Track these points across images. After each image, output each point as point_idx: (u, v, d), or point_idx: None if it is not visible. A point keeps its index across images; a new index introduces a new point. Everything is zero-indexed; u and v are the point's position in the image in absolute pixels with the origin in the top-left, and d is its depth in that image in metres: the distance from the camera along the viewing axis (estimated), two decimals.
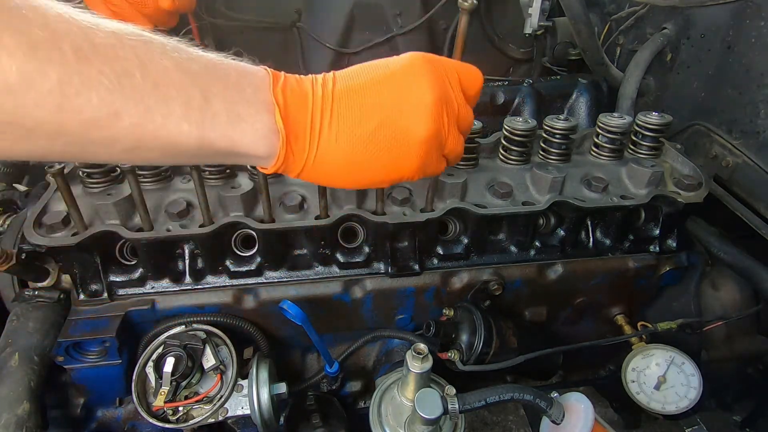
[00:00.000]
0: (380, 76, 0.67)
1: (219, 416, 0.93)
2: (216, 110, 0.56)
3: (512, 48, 2.12)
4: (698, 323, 1.14)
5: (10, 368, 0.90)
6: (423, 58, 0.71)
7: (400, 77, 0.67)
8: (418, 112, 0.66)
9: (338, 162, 0.65)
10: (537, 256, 1.08)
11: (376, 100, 0.65)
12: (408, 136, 0.67)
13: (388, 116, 0.65)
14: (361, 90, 0.65)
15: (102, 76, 0.48)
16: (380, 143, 0.66)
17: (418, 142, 0.67)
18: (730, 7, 1.15)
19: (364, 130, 0.65)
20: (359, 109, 0.64)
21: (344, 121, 0.64)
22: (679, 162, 1.12)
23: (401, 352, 1.13)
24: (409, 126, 0.66)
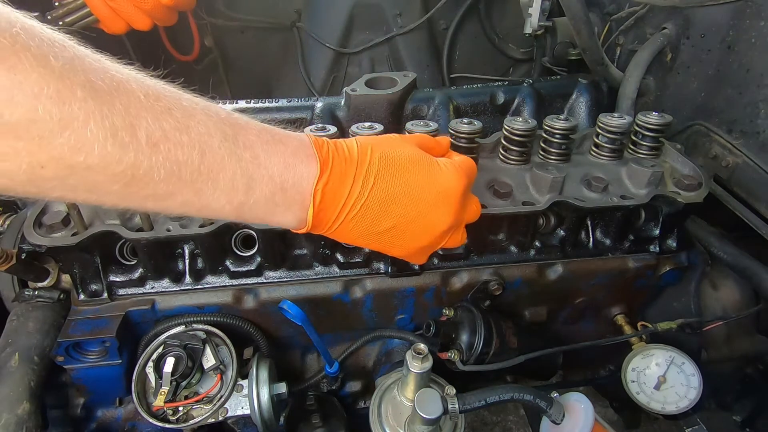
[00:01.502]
0: (420, 189, 0.72)
1: (219, 416, 0.94)
2: (257, 198, 0.62)
3: (512, 48, 2.12)
4: (698, 323, 1.14)
5: (10, 368, 0.90)
6: (464, 183, 0.76)
7: (436, 195, 0.73)
8: (432, 230, 0.75)
9: (354, 238, 0.74)
10: (537, 256, 1.08)
11: (401, 210, 0.71)
12: (414, 243, 0.76)
13: (403, 224, 0.73)
14: (394, 198, 0.71)
15: (167, 162, 0.53)
16: (387, 240, 0.75)
17: (420, 248, 0.78)
18: (730, 7, 1.15)
19: (378, 229, 0.72)
20: (383, 212, 0.71)
21: (364, 219, 0.70)
22: (679, 162, 1.12)
23: (401, 352, 1.13)
24: (418, 236, 0.75)
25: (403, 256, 0.80)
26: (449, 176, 0.74)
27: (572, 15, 1.27)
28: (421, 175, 0.72)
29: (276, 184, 0.63)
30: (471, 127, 1.03)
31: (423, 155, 0.74)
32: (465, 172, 0.77)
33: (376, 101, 1.29)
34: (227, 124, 0.60)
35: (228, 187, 0.59)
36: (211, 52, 2.15)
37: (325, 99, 1.34)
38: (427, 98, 1.38)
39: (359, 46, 2.02)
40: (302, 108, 1.32)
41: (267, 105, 1.34)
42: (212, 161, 0.57)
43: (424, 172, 0.73)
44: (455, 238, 0.80)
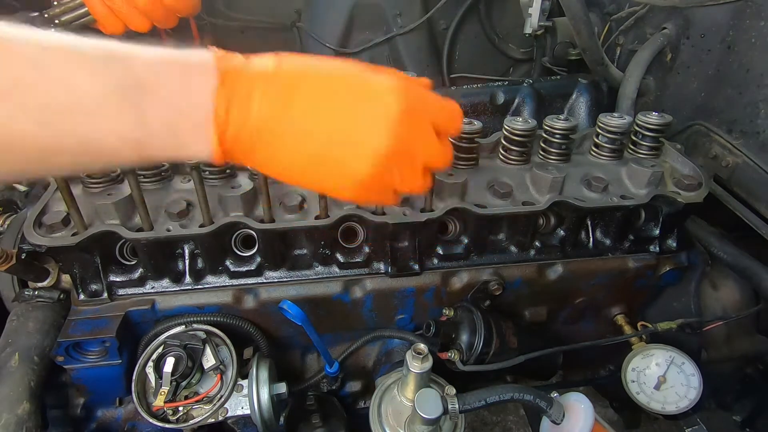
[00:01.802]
0: (347, 101, 0.61)
1: (219, 416, 0.94)
2: (155, 130, 0.55)
3: (512, 48, 2.12)
4: (698, 323, 1.14)
5: (10, 368, 0.90)
6: (400, 77, 0.66)
7: (367, 107, 0.62)
8: (367, 153, 0.62)
9: (281, 171, 0.64)
10: (537, 256, 1.08)
11: (325, 128, 0.61)
12: (351, 173, 0.63)
13: (331, 146, 0.61)
14: (315, 113, 0.60)
15: (32, 111, 0.49)
16: (321, 171, 0.63)
17: (362, 181, 0.63)
18: (730, 7, 1.15)
19: (304, 155, 0.61)
20: (304, 132, 0.60)
21: (284, 142, 0.60)
22: (679, 162, 1.12)
23: (401, 352, 1.13)
24: (353, 163, 0.62)
25: (349, 196, 0.66)
26: (386, 85, 0.62)
27: (572, 15, 1.27)
28: (350, 84, 0.62)
29: (174, 109, 0.55)
30: (471, 127, 1.03)
31: (355, 66, 0.64)
32: (413, 90, 0.64)
33: None
34: (107, 56, 0.53)
35: (115, 124, 0.52)
36: None
37: None
38: None
39: (359, 46, 2.02)
40: None
41: None
42: (87, 99, 0.51)
43: (354, 80, 0.62)
44: (409, 176, 0.66)
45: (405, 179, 0.66)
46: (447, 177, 1.01)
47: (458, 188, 1.01)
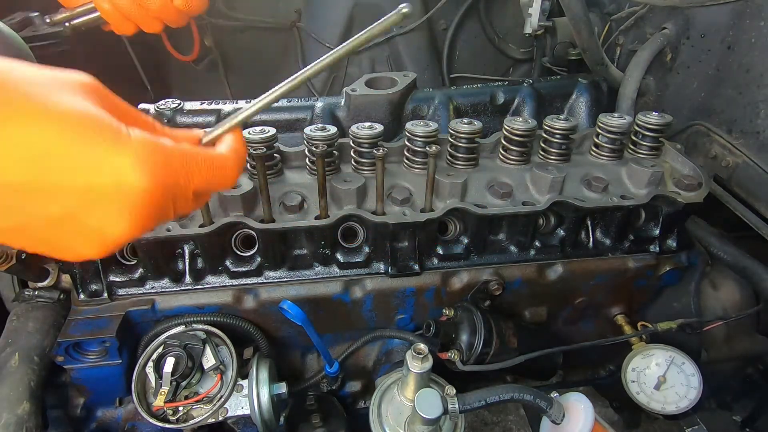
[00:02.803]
0: (64, 173, 0.45)
1: (219, 416, 0.94)
2: None
3: (512, 48, 2.12)
4: (698, 323, 1.14)
5: (10, 368, 0.91)
6: (162, 179, 0.50)
7: (99, 188, 0.47)
8: (94, 240, 0.50)
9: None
10: (537, 256, 1.08)
11: (28, 208, 0.46)
12: (69, 251, 0.51)
13: (37, 227, 0.47)
14: (12, 186, 0.44)
15: None
16: (25, 242, 0.49)
17: (85, 256, 0.52)
18: (730, 7, 1.15)
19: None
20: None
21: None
22: (679, 162, 1.12)
23: (401, 352, 1.13)
24: (73, 244, 0.50)
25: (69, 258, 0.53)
26: (128, 160, 0.47)
27: (572, 15, 1.27)
28: (74, 148, 0.45)
29: None
30: (471, 127, 1.03)
31: (84, 117, 0.46)
32: (164, 160, 0.50)
33: (376, 101, 1.29)
34: None
35: None
36: (211, 52, 2.15)
37: (325, 99, 1.34)
38: (427, 98, 1.38)
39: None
40: (302, 108, 1.32)
41: None
42: None
43: (76, 147, 0.45)
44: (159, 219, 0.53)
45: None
46: (447, 177, 1.01)
47: (458, 188, 1.01)
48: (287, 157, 1.07)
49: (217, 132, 0.66)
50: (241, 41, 2.11)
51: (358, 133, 1.01)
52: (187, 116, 1.30)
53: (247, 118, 0.70)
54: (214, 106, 1.33)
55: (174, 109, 1.29)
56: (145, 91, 2.10)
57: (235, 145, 0.63)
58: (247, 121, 0.72)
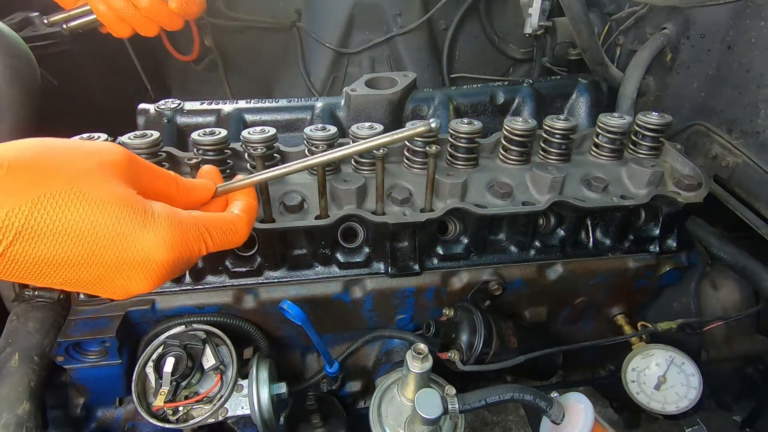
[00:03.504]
0: (96, 252, 0.55)
1: (219, 416, 0.94)
2: None
3: (512, 48, 2.12)
4: (698, 323, 1.14)
5: (10, 368, 0.91)
6: (177, 254, 0.60)
7: (125, 262, 0.57)
8: (121, 293, 0.60)
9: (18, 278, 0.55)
10: (537, 256, 1.08)
11: (64, 276, 0.55)
12: (105, 293, 0.60)
13: (74, 285, 0.57)
14: (52, 263, 0.53)
15: None
16: (72, 286, 0.58)
17: (132, 292, 0.61)
18: (730, 7, 1.15)
19: (44, 282, 0.55)
20: (38, 273, 0.54)
21: (13, 275, 0.53)
22: (679, 162, 1.11)
23: (401, 352, 1.13)
24: (106, 292, 0.59)
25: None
26: (154, 239, 0.57)
27: (572, 15, 1.27)
28: (111, 230, 0.54)
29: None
30: (471, 127, 1.03)
31: (118, 204, 0.55)
32: (189, 237, 0.60)
33: (376, 101, 1.29)
34: None
35: None
36: (211, 52, 2.15)
37: (325, 99, 1.34)
38: (427, 98, 1.38)
39: (359, 46, 2.02)
40: (302, 108, 1.32)
41: (267, 105, 1.34)
42: None
43: (111, 230, 0.54)
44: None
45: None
46: (447, 177, 1.01)
47: (458, 188, 1.01)
48: (287, 157, 1.07)
49: (232, 186, 0.73)
50: (241, 41, 2.11)
51: (358, 133, 1.01)
52: (187, 116, 1.30)
53: (264, 180, 0.76)
54: (214, 106, 1.33)
55: (174, 109, 1.29)
56: (145, 91, 2.10)
57: (247, 205, 0.72)
58: (264, 183, 0.76)
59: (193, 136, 0.96)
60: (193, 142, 0.95)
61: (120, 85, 1.94)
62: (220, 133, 0.97)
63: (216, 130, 0.98)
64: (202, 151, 0.97)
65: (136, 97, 1.49)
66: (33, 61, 1.16)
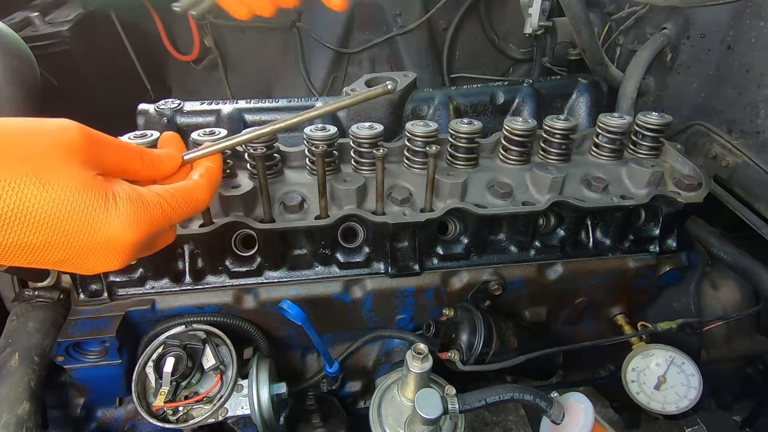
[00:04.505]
0: (60, 236, 0.54)
1: (219, 416, 0.93)
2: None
3: (512, 48, 2.12)
4: (698, 323, 1.14)
5: (10, 368, 0.91)
6: (143, 232, 0.60)
7: (90, 244, 0.56)
8: (92, 269, 0.60)
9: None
10: (537, 256, 1.08)
11: (32, 257, 0.55)
12: (75, 269, 0.60)
13: (44, 262, 0.56)
14: (15, 247, 0.53)
15: None
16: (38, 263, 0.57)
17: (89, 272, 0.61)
18: (730, 7, 1.15)
19: (11, 261, 0.55)
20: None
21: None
22: (679, 162, 1.12)
23: (401, 352, 1.13)
24: (94, 266, 0.59)
25: None
26: (118, 223, 0.56)
27: (572, 15, 1.27)
28: (66, 220, 0.53)
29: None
30: (471, 127, 1.03)
31: (78, 189, 0.54)
32: (153, 215, 0.60)
33: (376, 101, 1.29)
34: None
35: None
36: (211, 52, 2.15)
37: (325, 99, 1.34)
38: (427, 98, 1.38)
39: (359, 46, 2.02)
40: (302, 108, 1.32)
41: (267, 105, 1.34)
42: None
43: (72, 216, 0.53)
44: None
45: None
46: (447, 177, 1.01)
47: (458, 188, 1.01)
48: (287, 157, 1.07)
49: (197, 154, 0.73)
50: (241, 41, 2.12)
51: (358, 133, 1.01)
52: (187, 116, 1.30)
53: (228, 147, 0.75)
54: (214, 106, 1.33)
55: (174, 109, 1.29)
56: (145, 91, 2.10)
57: (208, 171, 0.71)
58: (229, 149, 0.76)
59: (193, 136, 0.95)
60: (193, 142, 0.94)
61: (120, 85, 1.94)
62: (220, 133, 0.97)
63: (216, 130, 0.98)
64: None
65: (136, 97, 1.49)
66: (33, 61, 1.16)
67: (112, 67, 1.90)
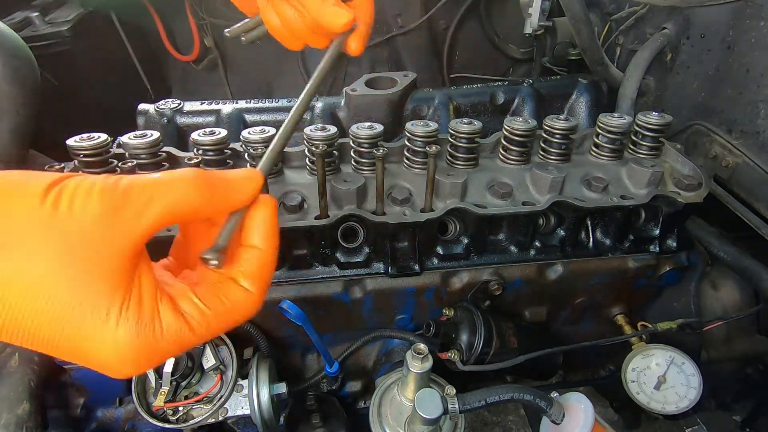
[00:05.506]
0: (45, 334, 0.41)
1: (219, 416, 0.94)
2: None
3: (512, 48, 2.12)
4: (698, 323, 1.14)
5: (10, 368, 0.91)
6: (144, 345, 0.44)
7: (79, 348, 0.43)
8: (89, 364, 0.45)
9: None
10: (537, 256, 1.08)
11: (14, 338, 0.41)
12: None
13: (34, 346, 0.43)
14: None
15: None
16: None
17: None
18: (730, 7, 1.15)
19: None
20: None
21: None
22: (679, 162, 1.12)
23: (401, 352, 1.13)
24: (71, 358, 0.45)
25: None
26: (115, 357, 0.43)
27: (572, 15, 1.27)
28: (63, 321, 0.40)
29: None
30: (471, 127, 1.03)
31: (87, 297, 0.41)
32: (164, 348, 0.45)
33: (376, 101, 1.29)
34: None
35: None
36: (211, 52, 2.15)
37: (325, 99, 1.34)
38: (427, 98, 1.38)
39: None
40: None
41: (267, 105, 1.34)
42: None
43: (71, 322, 0.40)
44: None
45: None
46: (447, 177, 1.01)
47: (458, 188, 1.01)
48: (287, 157, 1.07)
49: (266, 160, 0.63)
50: (241, 41, 2.12)
51: (358, 133, 1.01)
52: (187, 116, 1.30)
53: (280, 146, 0.66)
54: (214, 106, 1.33)
55: (174, 109, 1.29)
56: (145, 91, 2.10)
57: (266, 266, 0.53)
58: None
59: (193, 136, 0.96)
60: (193, 142, 0.95)
61: (120, 85, 1.95)
62: (220, 133, 0.97)
63: (216, 130, 0.98)
64: (202, 151, 0.97)
65: (136, 97, 1.49)
66: (33, 61, 1.16)
67: (112, 67, 1.90)
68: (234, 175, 0.52)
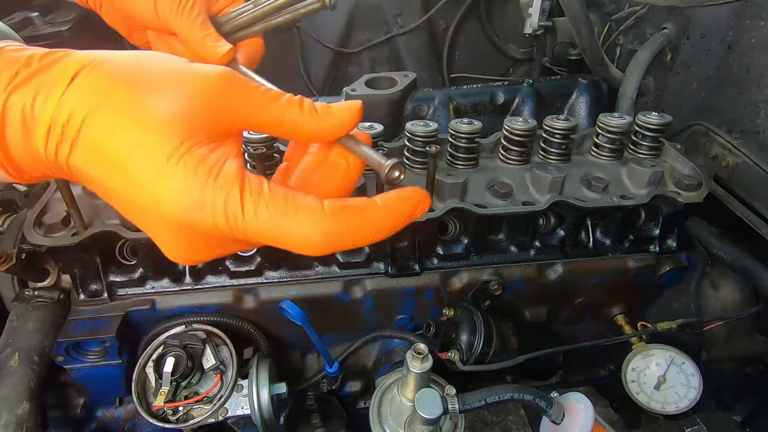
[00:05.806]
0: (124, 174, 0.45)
1: (219, 416, 0.94)
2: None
3: (512, 48, 2.12)
4: (698, 323, 1.14)
5: (10, 368, 0.91)
6: (195, 203, 0.46)
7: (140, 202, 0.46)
8: (152, 235, 0.50)
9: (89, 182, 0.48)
10: (537, 256, 1.08)
11: (107, 182, 0.46)
12: (145, 228, 0.50)
13: (114, 200, 0.48)
14: (96, 162, 0.45)
15: None
16: (119, 206, 0.49)
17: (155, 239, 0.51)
18: (730, 7, 1.15)
19: (98, 187, 0.47)
20: (92, 160, 0.45)
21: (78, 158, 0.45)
22: (679, 162, 1.12)
23: (401, 352, 1.13)
24: (144, 227, 0.50)
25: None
26: (168, 182, 0.44)
27: (572, 15, 1.27)
28: (134, 171, 0.44)
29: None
30: (471, 127, 1.03)
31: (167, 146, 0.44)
32: (222, 179, 0.45)
33: (376, 101, 1.29)
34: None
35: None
36: None
37: (325, 99, 1.34)
38: (427, 98, 1.38)
39: (359, 46, 2.02)
40: None
41: None
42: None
43: (140, 170, 0.44)
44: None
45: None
46: (447, 177, 1.01)
47: (458, 188, 1.01)
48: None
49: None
50: None
51: (358, 133, 1.01)
52: None
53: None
54: None
55: None
56: None
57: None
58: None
59: None
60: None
61: None
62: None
63: None
64: None
65: None
66: None
67: None
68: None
